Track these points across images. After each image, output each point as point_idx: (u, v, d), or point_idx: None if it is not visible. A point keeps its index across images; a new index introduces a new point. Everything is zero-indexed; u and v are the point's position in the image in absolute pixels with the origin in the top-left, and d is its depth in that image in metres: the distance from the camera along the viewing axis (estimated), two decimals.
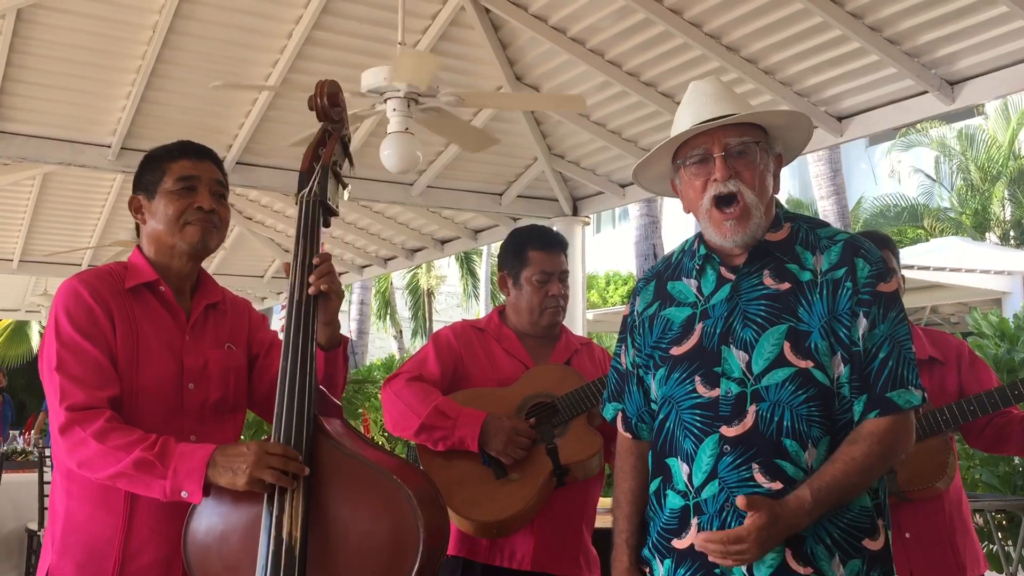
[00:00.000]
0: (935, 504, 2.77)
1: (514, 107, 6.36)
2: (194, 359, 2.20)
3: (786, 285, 1.91)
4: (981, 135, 17.52)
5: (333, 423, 2.09)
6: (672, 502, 1.93)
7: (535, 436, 2.77)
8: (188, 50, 5.58)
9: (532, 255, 2.96)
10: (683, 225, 17.27)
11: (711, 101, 1.95)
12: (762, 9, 4.94)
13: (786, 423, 1.83)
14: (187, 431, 2.14)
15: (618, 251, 22.09)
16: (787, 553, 1.82)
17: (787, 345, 1.86)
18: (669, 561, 1.92)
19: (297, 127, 5.76)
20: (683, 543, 1.90)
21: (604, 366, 3.00)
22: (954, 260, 11.77)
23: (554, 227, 8.46)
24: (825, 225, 2.03)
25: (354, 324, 22.53)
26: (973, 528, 2.93)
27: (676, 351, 1.97)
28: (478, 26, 5.67)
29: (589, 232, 8.24)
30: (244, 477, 1.92)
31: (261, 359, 2.34)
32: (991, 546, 5.55)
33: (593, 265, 20.13)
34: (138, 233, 2.31)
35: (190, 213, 2.20)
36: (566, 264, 3.02)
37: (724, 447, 1.86)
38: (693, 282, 2.02)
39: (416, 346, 24.51)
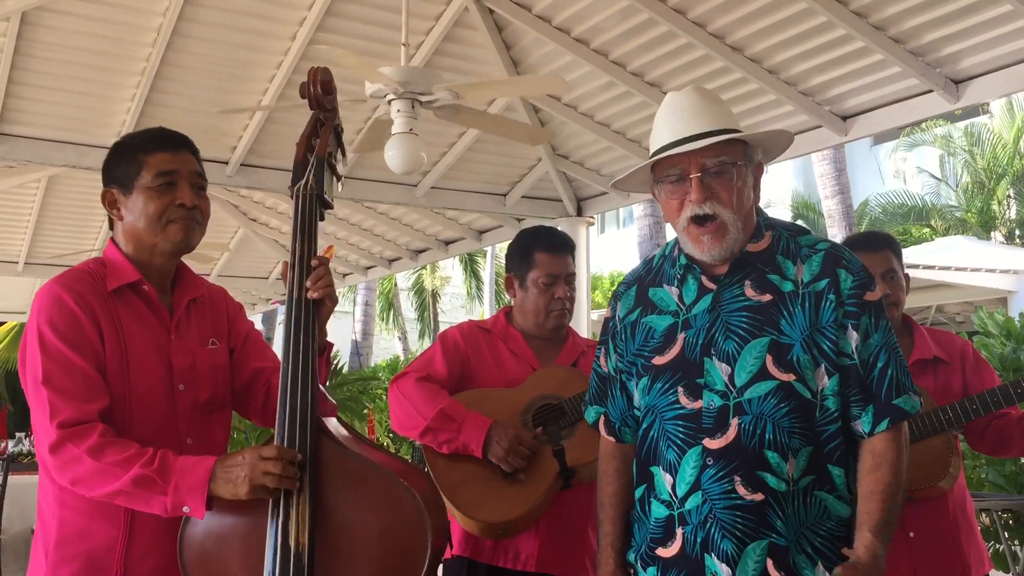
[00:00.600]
0: (939, 503, 2.76)
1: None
2: (182, 359, 2.12)
3: (767, 297, 1.92)
4: (986, 134, 17.48)
5: (332, 423, 2.06)
6: (657, 511, 1.94)
7: (536, 446, 2.77)
8: (192, 52, 5.58)
9: (538, 257, 2.95)
10: None
11: (689, 116, 1.93)
12: (766, 8, 4.93)
13: (768, 435, 1.84)
14: (183, 434, 2.08)
15: (622, 252, 22.03)
16: (768, 563, 1.82)
17: (769, 358, 1.86)
18: (654, 569, 1.93)
19: (301, 128, 5.75)
20: (668, 552, 1.90)
21: None
22: (959, 259, 11.74)
23: (559, 227, 8.48)
24: (805, 232, 2.03)
25: (359, 325, 22.52)
26: (978, 527, 2.92)
27: (659, 361, 1.98)
28: (482, 27, 5.66)
29: (593, 233, 8.23)
30: (245, 486, 1.87)
31: (238, 352, 2.27)
32: (997, 546, 5.53)
33: (597, 266, 20.08)
34: (111, 226, 2.21)
35: (172, 211, 2.10)
36: (573, 266, 3.00)
37: (707, 459, 1.86)
38: (674, 290, 2.01)
39: (421, 347, 24.50)
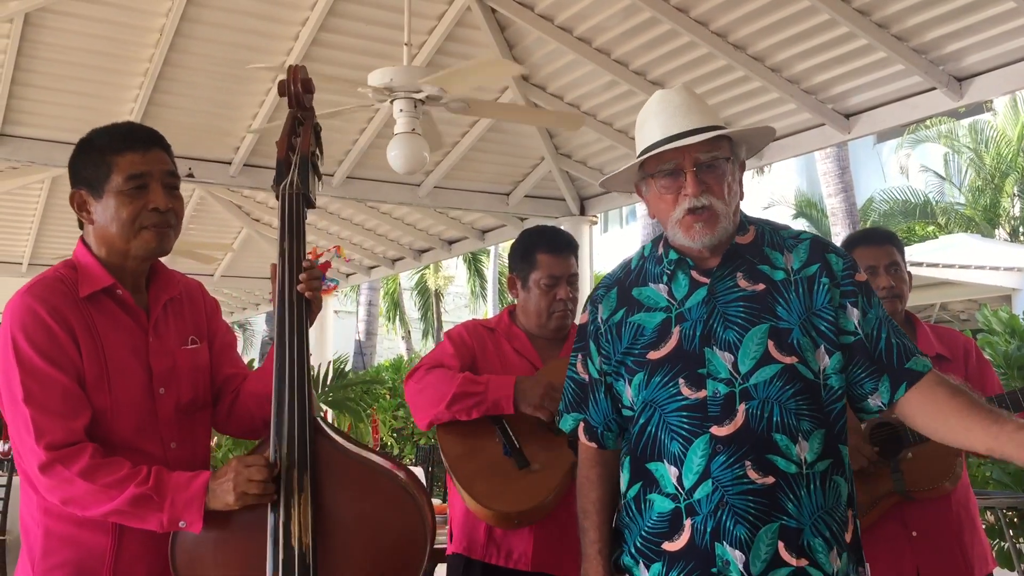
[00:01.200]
0: (942, 502, 2.76)
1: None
2: (161, 361, 2.06)
3: (761, 286, 1.95)
4: (990, 131, 17.45)
5: (325, 423, 2.06)
6: (660, 506, 1.93)
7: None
8: (195, 53, 5.60)
9: (540, 258, 2.94)
10: None
11: (680, 114, 1.98)
12: (769, 7, 4.93)
13: (776, 418, 1.87)
14: (166, 438, 2.04)
15: (626, 250, 21.82)
16: (780, 545, 1.83)
17: (771, 343, 1.90)
18: (658, 565, 1.91)
19: None
20: (675, 545, 1.90)
21: None
22: (963, 257, 11.73)
23: (561, 227, 8.47)
24: (786, 227, 2.10)
25: (362, 325, 22.56)
26: (981, 526, 2.91)
27: (654, 355, 1.97)
28: (484, 26, 5.67)
29: (596, 231, 8.23)
30: (232, 496, 1.88)
31: (213, 355, 2.22)
32: (1002, 543, 5.52)
33: (601, 264, 20.07)
34: (80, 226, 2.13)
35: (145, 216, 2.02)
36: (575, 267, 2.99)
37: (716, 446, 1.87)
38: (663, 287, 2.02)
39: (425, 347, 24.53)
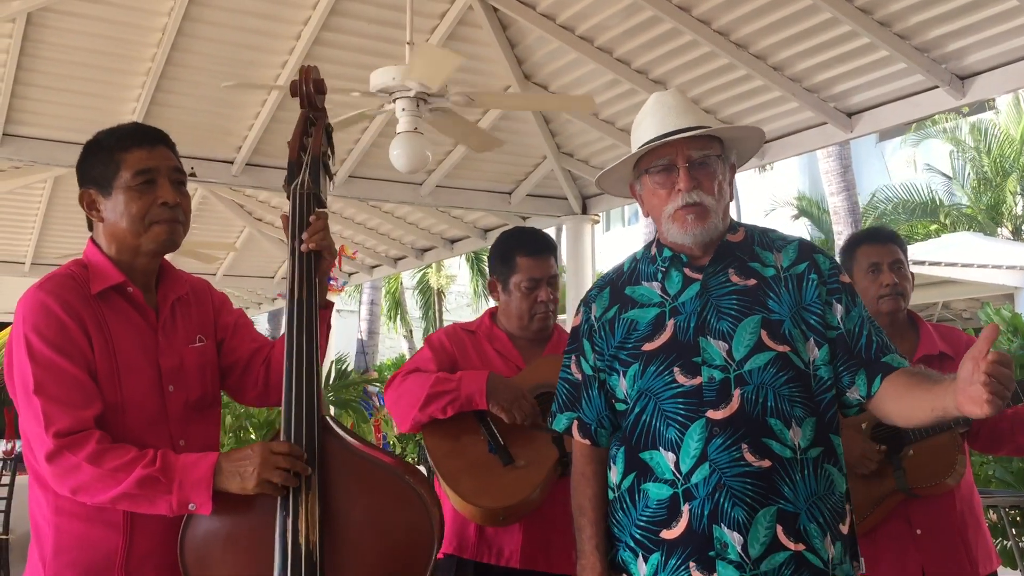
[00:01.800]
0: (946, 501, 2.76)
1: (523, 107, 6.38)
2: (169, 360, 2.09)
3: (752, 281, 2.04)
4: (993, 130, 17.43)
5: (333, 422, 2.06)
6: (657, 493, 1.95)
7: (538, 411, 2.77)
8: (197, 52, 5.60)
9: (520, 261, 2.94)
10: None
11: (674, 114, 2.07)
12: (771, 5, 4.93)
13: (770, 403, 1.93)
14: (175, 436, 2.05)
15: (628, 249, 21.82)
16: (778, 528, 1.87)
17: (764, 332, 1.97)
18: (657, 554, 1.94)
19: None
20: (674, 532, 1.93)
21: None
22: (965, 255, 11.72)
23: (564, 225, 8.46)
24: (774, 230, 2.19)
25: (364, 324, 22.57)
26: (985, 524, 2.91)
27: (649, 347, 2.02)
28: (486, 25, 5.67)
29: (599, 230, 8.25)
30: (253, 480, 1.87)
31: (228, 341, 2.25)
32: (1005, 542, 5.52)
33: (603, 263, 20.09)
34: (90, 227, 2.19)
35: (155, 211, 2.06)
36: (555, 268, 2.99)
37: (713, 429, 1.92)
38: (656, 284, 2.10)
39: None
